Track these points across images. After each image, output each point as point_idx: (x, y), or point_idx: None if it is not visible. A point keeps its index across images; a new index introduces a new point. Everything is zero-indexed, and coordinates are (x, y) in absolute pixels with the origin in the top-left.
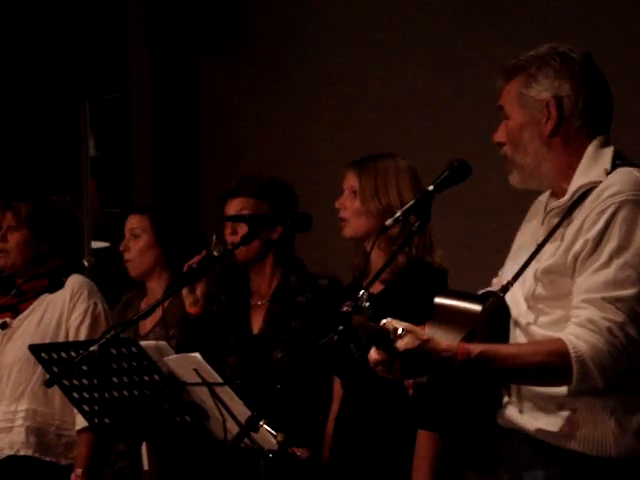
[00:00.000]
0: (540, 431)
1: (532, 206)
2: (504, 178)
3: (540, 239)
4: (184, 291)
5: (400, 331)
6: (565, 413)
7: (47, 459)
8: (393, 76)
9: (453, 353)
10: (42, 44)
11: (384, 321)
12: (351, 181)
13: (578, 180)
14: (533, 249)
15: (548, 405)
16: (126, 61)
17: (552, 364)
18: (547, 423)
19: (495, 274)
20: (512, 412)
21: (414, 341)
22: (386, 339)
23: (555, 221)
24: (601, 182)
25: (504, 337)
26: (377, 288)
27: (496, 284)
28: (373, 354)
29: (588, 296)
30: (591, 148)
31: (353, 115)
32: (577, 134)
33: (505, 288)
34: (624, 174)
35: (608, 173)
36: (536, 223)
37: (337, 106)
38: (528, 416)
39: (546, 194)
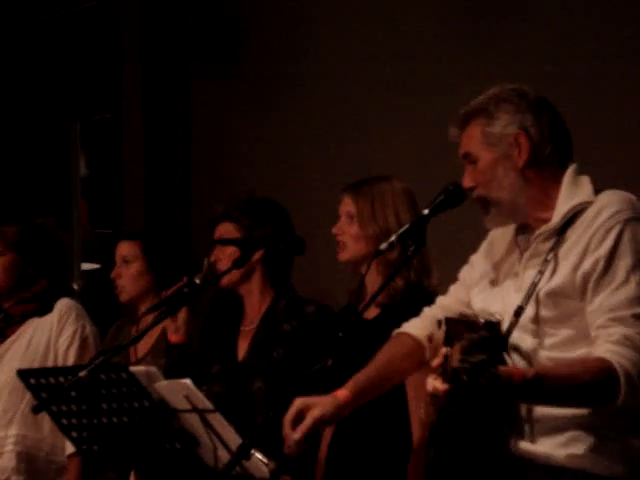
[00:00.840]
0: (549, 454)
1: (487, 242)
2: None
3: (520, 267)
4: (166, 320)
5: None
6: (574, 434)
7: None
8: (390, 95)
9: (509, 375)
10: (34, 64)
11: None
12: (348, 206)
13: (566, 203)
14: (535, 275)
15: (558, 427)
16: (118, 81)
17: (602, 383)
18: (557, 446)
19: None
20: (522, 443)
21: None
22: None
23: (547, 245)
24: (591, 202)
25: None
26: (373, 312)
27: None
28: (439, 384)
29: (616, 314)
30: (568, 176)
31: (348, 134)
32: (548, 162)
33: (518, 312)
34: (615, 195)
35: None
36: (504, 251)
37: (331, 125)
38: (540, 441)
39: (504, 231)
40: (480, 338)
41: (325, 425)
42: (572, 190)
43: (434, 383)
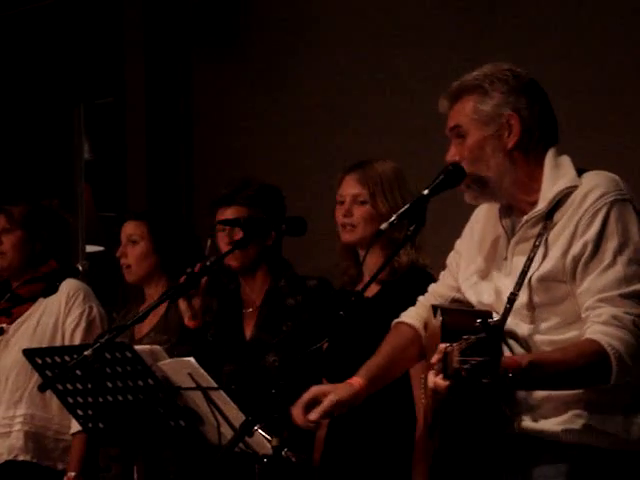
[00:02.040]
0: (553, 432)
1: (469, 226)
2: None
3: (509, 253)
4: (182, 305)
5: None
6: (575, 412)
7: (45, 464)
8: (390, 83)
9: (504, 365)
10: (37, 47)
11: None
12: (353, 188)
13: (551, 187)
14: (506, 263)
15: (557, 407)
16: (121, 65)
17: (594, 364)
18: (559, 424)
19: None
20: (525, 422)
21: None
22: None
23: (535, 230)
24: (576, 186)
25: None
26: (373, 289)
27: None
28: (440, 381)
29: (603, 295)
30: (549, 158)
31: (349, 122)
32: (535, 146)
33: (511, 299)
34: (600, 176)
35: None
36: (489, 235)
37: (331, 111)
38: (542, 422)
39: (486, 214)
40: (477, 339)
41: (341, 409)
42: (555, 173)
43: (435, 380)
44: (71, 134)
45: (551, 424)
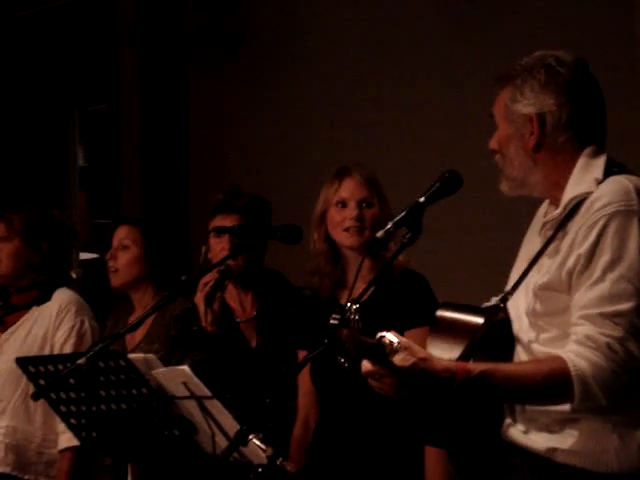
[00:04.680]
0: (543, 449)
1: (536, 214)
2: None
3: (536, 250)
4: (202, 310)
5: (396, 345)
6: (569, 430)
7: (26, 477)
8: (385, 88)
9: (452, 373)
10: (31, 54)
11: (380, 334)
12: (362, 191)
13: (570, 192)
14: (531, 260)
15: (551, 423)
16: (116, 71)
17: (553, 384)
18: (551, 441)
19: (493, 289)
20: (516, 432)
21: (409, 358)
22: (381, 353)
23: (550, 234)
24: (592, 192)
25: (507, 351)
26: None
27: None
28: (366, 365)
29: (585, 312)
30: (582, 159)
31: (343, 132)
32: (563, 148)
33: (504, 298)
34: (614, 183)
35: (600, 182)
36: (535, 233)
37: (326, 119)
38: (533, 436)
39: (546, 202)
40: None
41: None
42: (581, 176)
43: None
44: (65, 141)
45: (542, 440)
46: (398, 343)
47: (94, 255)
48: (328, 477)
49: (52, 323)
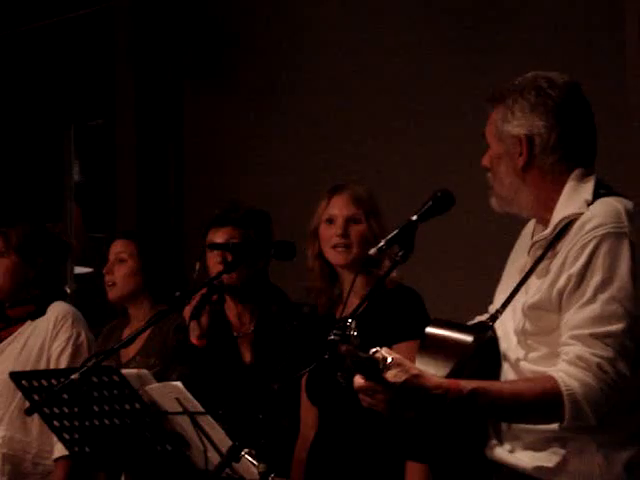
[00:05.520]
0: (529, 468)
1: (521, 233)
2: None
3: (527, 269)
4: (192, 324)
5: (389, 361)
6: (554, 449)
7: None
8: (380, 104)
9: (444, 390)
10: (28, 70)
11: (374, 350)
12: (349, 209)
13: (560, 212)
14: (520, 279)
15: (537, 442)
16: (112, 87)
17: (545, 403)
18: (536, 460)
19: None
20: (501, 451)
21: (402, 374)
22: (374, 368)
23: (539, 253)
24: (582, 214)
25: (494, 369)
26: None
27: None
28: (359, 380)
29: (576, 332)
30: (571, 181)
31: (337, 145)
32: (552, 169)
33: (494, 317)
34: (604, 205)
35: (589, 204)
36: (523, 253)
37: (322, 133)
38: (519, 454)
39: (534, 221)
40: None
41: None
42: (570, 197)
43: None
44: (61, 155)
45: (528, 458)
46: (391, 359)
47: (89, 269)
48: None
49: (49, 334)
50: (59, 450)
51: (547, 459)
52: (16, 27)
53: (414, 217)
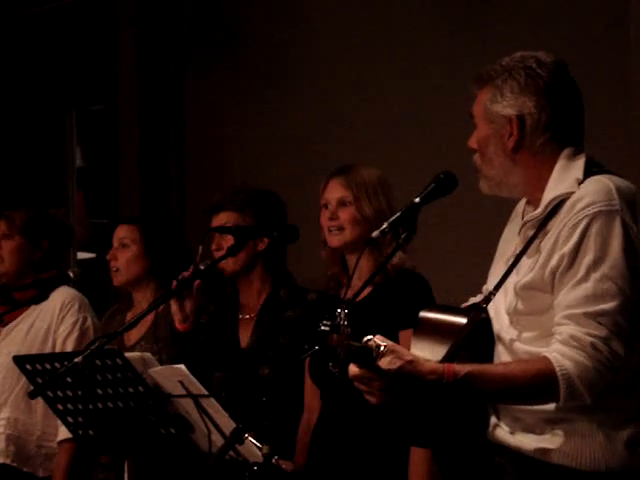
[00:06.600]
0: (531, 450)
1: (512, 213)
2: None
3: (518, 250)
4: (173, 307)
5: (382, 349)
6: (555, 430)
7: (25, 469)
8: (381, 87)
9: (439, 375)
10: (29, 54)
11: (367, 338)
12: (338, 192)
13: (550, 192)
14: (512, 260)
15: (538, 423)
16: (114, 71)
17: (539, 384)
18: (538, 441)
19: (481, 283)
20: (502, 433)
21: (396, 361)
22: (368, 356)
23: (530, 233)
24: (573, 192)
25: (488, 351)
26: (364, 292)
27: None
28: (353, 368)
29: (569, 312)
30: (562, 160)
31: (340, 129)
32: (542, 149)
33: (487, 298)
34: (595, 183)
35: (580, 182)
36: (514, 232)
37: (323, 120)
38: (520, 436)
39: (523, 201)
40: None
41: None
42: (561, 176)
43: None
44: (63, 141)
45: (529, 440)
46: (384, 346)
47: (92, 255)
48: (322, 475)
49: (55, 318)
50: (63, 433)
51: (548, 441)
52: (17, 11)
53: (417, 199)
